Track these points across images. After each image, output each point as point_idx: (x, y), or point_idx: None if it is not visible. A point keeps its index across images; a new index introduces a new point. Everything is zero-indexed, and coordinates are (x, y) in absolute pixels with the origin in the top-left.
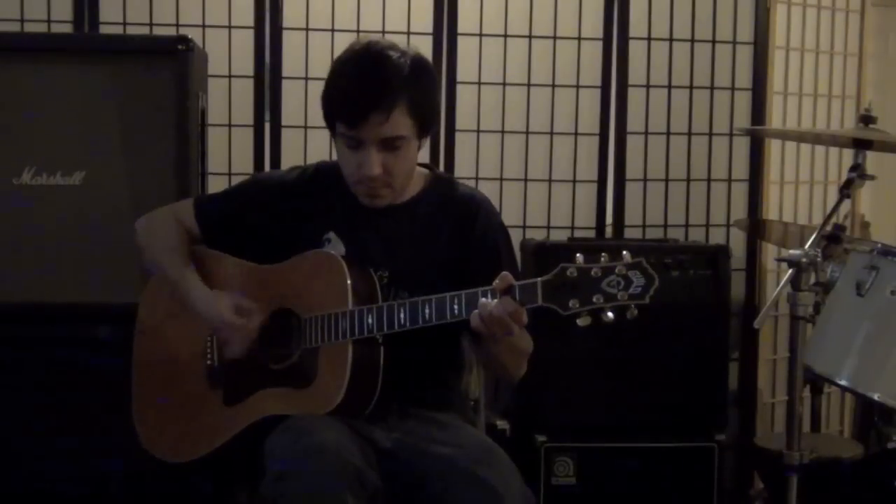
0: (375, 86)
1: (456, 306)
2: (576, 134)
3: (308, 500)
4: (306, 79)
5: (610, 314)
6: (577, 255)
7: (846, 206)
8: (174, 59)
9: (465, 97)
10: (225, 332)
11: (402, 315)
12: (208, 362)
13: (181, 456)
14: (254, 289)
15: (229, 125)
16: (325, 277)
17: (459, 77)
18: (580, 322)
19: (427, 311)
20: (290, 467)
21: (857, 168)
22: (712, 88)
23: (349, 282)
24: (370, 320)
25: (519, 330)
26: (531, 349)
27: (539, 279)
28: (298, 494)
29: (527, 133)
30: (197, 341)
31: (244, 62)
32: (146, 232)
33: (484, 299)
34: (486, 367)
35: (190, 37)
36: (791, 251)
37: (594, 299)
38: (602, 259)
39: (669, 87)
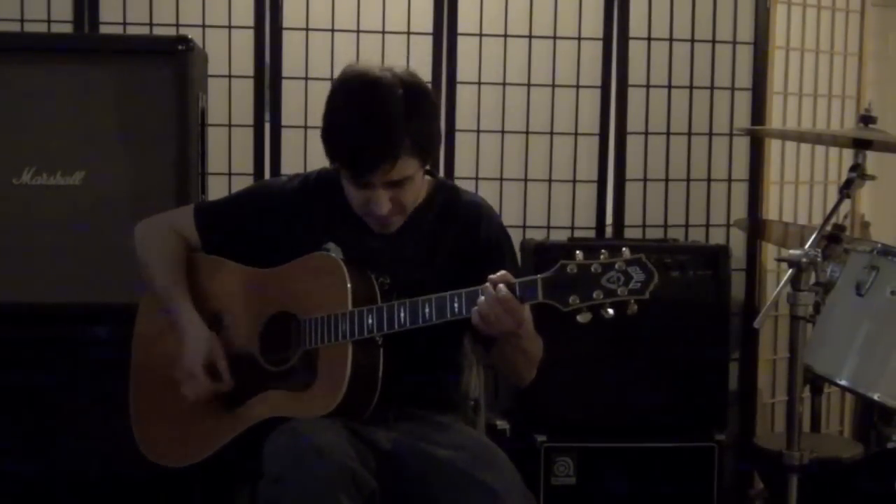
0: (379, 139)
1: (456, 305)
2: (576, 134)
3: (303, 502)
4: (306, 79)
5: (610, 310)
6: (577, 251)
7: (846, 206)
8: (174, 59)
9: (465, 97)
10: (185, 378)
11: (402, 314)
12: None
13: (181, 461)
14: (253, 292)
15: (229, 125)
16: (325, 279)
17: (459, 77)
18: (580, 318)
19: (427, 310)
20: (286, 470)
21: (857, 168)
22: (712, 88)
23: (349, 284)
24: (370, 321)
25: (517, 326)
26: (541, 354)
27: (539, 276)
28: (293, 497)
29: (527, 133)
30: None
31: (244, 62)
32: (142, 242)
33: (482, 297)
34: (496, 368)
35: (190, 37)
36: (791, 251)
37: (594, 295)
38: (602, 255)
39: (669, 87)
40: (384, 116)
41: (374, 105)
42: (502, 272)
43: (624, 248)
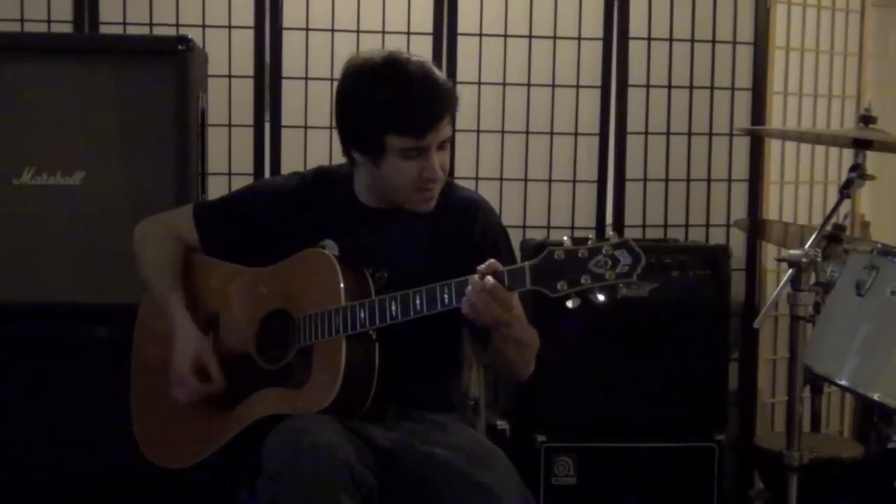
0: (440, 93)
1: (446, 295)
2: (576, 134)
3: (302, 499)
4: (306, 79)
5: (600, 296)
6: (564, 237)
7: (846, 206)
8: (174, 59)
9: (465, 97)
10: (174, 381)
11: (393, 307)
12: None
13: (180, 462)
14: (248, 291)
15: (229, 125)
16: (318, 276)
17: (459, 77)
18: (570, 304)
19: (418, 301)
20: (285, 467)
21: (857, 168)
22: (712, 88)
23: (341, 279)
24: (362, 314)
25: (506, 313)
26: (537, 345)
27: (527, 263)
28: (292, 494)
29: (527, 133)
30: None
31: (244, 62)
32: (141, 243)
33: (470, 286)
34: (493, 366)
35: (190, 37)
36: (791, 251)
37: (582, 280)
38: (589, 241)
39: (669, 87)
40: (434, 75)
41: (424, 71)
42: (491, 261)
43: (611, 232)
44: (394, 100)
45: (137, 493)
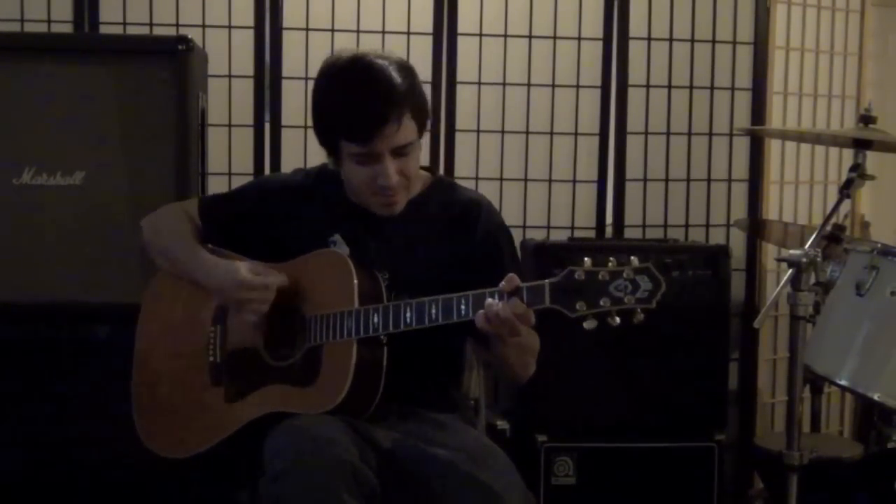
0: (384, 99)
1: (463, 307)
2: (576, 134)
3: (304, 499)
4: (306, 79)
5: (617, 318)
6: (586, 258)
7: (846, 206)
8: (174, 59)
9: (465, 97)
10: (244, 294)
11: (408, 315)
12: (210, 358)
13: (180, 452)
14: None
15: (229, 125)
16: (332, 277)
17: (459, 77)
18: (586, 325)
19: (434, 311)
20: (287, 467)
21: (857, 168)
22: (712, 88)
23: (356, 281)
24: (376, 319)
25: (526, 330)
26: (538, 348)
27: (547, 281)
28: (294, 493)
29: (527, 133)
30: (199, 338)
31: (244, 62)
32: (153, 225)
33: (490, 300)
34: (491, 367)
35: (190, 37)
36: (791, 251)
37: (601, 302)
38: (610, 263)
39: (669, 87)
40: (386, 82)
41: (374, 75)
42: (511, 275)
43: (632, 257)
44: (340, 106)
45: (138, 493)
